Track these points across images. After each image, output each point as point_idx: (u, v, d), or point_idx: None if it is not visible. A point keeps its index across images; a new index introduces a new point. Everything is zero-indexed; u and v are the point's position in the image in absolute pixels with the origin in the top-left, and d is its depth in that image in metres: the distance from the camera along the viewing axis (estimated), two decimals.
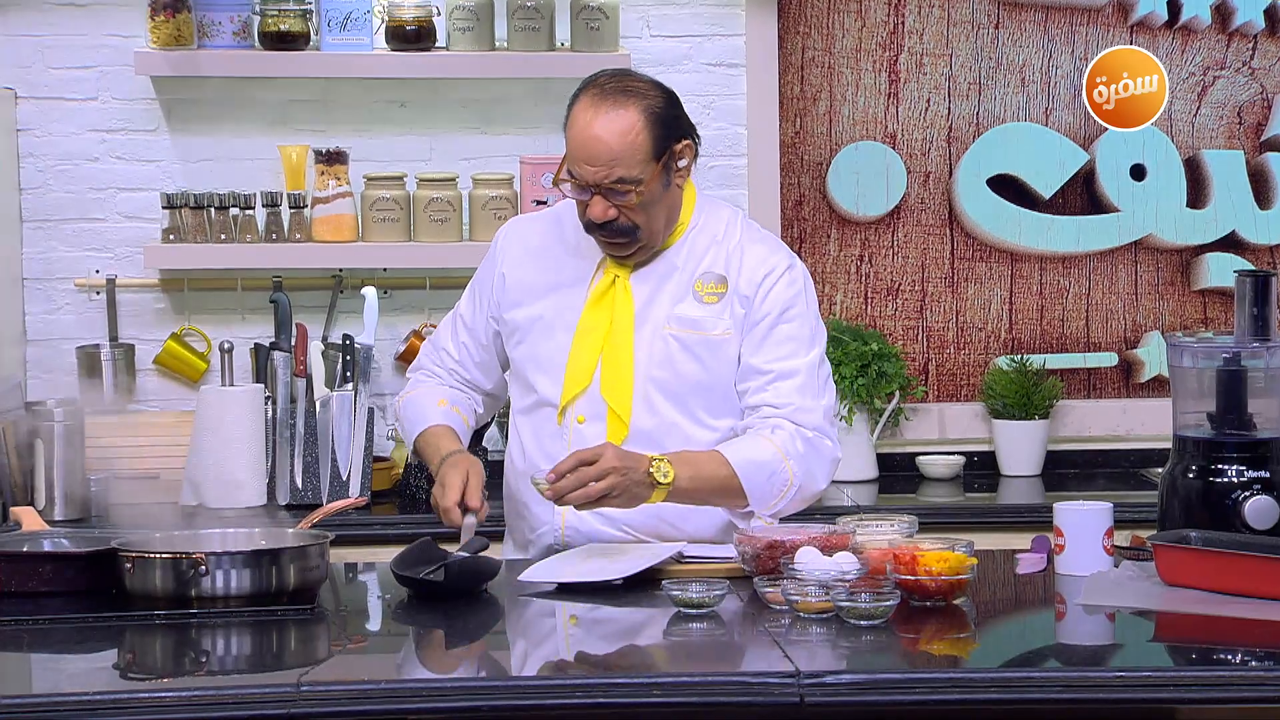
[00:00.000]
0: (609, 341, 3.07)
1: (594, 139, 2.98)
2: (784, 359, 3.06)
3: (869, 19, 4.57)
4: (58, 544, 3.00)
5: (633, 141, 2.97)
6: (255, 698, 2.37)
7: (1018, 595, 2.99)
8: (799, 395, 3.04)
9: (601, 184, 2.98)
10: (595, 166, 2.98)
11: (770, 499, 3.02)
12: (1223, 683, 2.44)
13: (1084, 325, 4.65)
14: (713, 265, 3.10)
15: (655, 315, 3.08)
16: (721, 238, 3.12)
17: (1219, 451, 3.00)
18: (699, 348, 3.07)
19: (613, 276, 3.09)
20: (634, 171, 2.98)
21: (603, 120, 2.98)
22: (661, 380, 3.06)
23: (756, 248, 3.11)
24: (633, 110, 2.98)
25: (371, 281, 4.35)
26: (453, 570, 2.85)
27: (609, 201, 2.99)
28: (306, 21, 4.32)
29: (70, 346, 4.39)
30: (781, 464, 3.00)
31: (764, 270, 3.08)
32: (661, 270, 3.10)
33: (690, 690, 2.41)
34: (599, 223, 3.01)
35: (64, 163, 4.42)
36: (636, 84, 3.04)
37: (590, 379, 3.07)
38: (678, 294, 3.09)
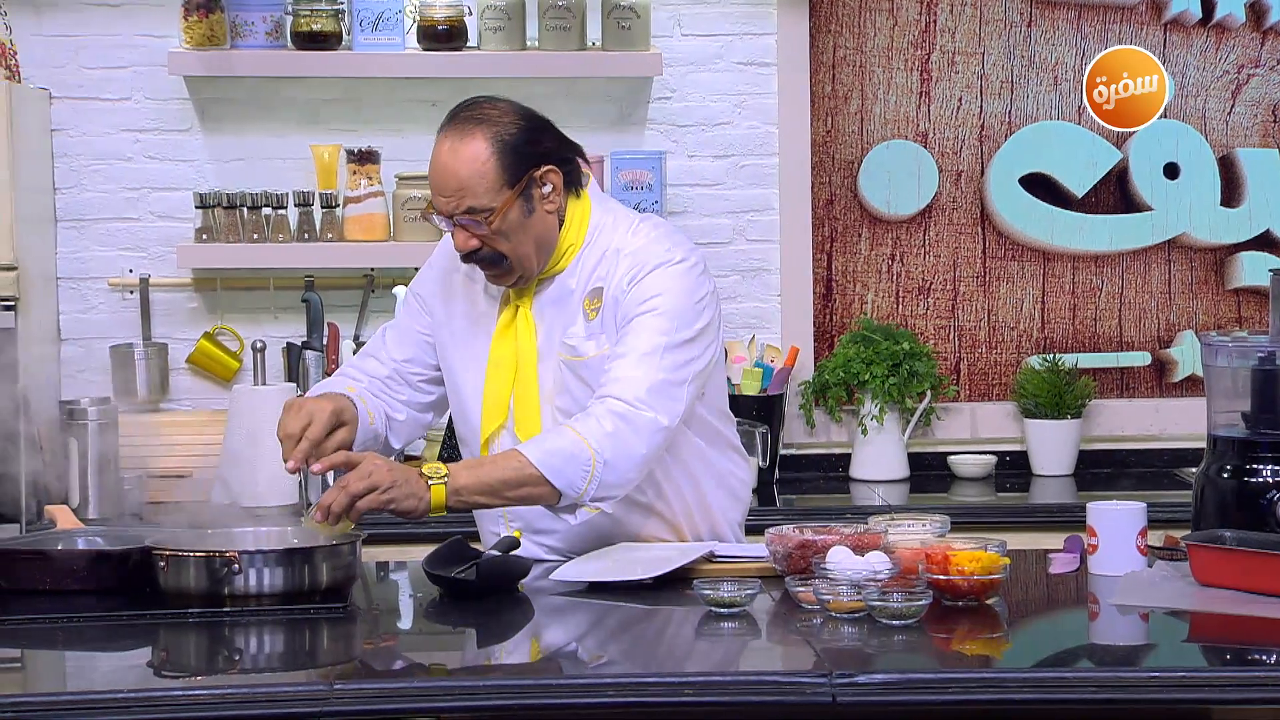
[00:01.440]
0: (517, 375, 3.02)
1: (443, 169, 2.92)
2: (625, 344, 2.93)
3: (901, 17, 4.56)
4: (92, 542, 3.01)
5: (479, 170, 2.90)
6: (288, 696, 2.38)
7: (1050, 595, 2.98)
8: (624, 370, 2.91)
9: (454, 214, 2.93)
10: (446, 197, 2.92)
11: (578, 483, 2.87)
12: (1257, 683, 2.43)
13: (1117, 324, 4.63)
14: (600, 279, 3.00)
15: (554, 343, 3.02)
16: (610, 250, 3.00)
17: (1253, 451, 2.98)
18: (584, 373, 2.99)
19: (515, 308, 3.04)
20: (484, 200, 2.91)
21: (450, 150, 2.91)
22: (565, 408, 3.00)
23: (632, 253, 2.98)
24: (479, 139, 2.91)
25: (403, 280, 4.35)
26: (484, 569, 2.86)
27: (468, 232, 2.93)
28: (338, 21, 4.33)
29: (104, 346, 4.41)
30: (580, 444, 2.86)
31: (634, 270, 2.97)
32: (556, 295, 3.02)
33: (722, 690, 2.41)
34: (462, 253, 2.96)
35: (98, 162, 4.44)
36: (489, 111, 2.95)
37: (506, 414, 3.03)
38: (570, 317, 3.01)
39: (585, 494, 2.90)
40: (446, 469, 2.86)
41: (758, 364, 4.43)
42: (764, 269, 4.56)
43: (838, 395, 4.47)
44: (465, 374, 3.08)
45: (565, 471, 2.87)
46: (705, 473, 3.11)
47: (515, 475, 2.87)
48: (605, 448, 2.88)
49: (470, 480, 2.87)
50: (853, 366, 4.41)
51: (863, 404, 4.45)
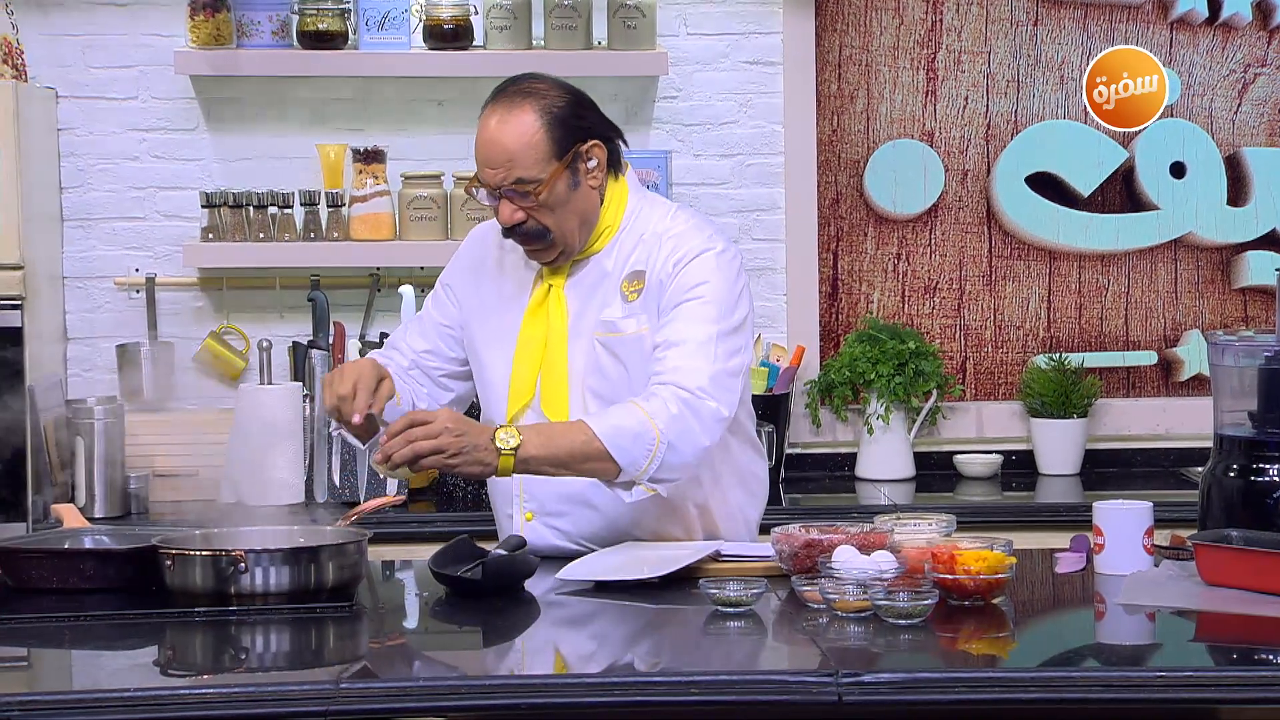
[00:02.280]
0: (546, 354, 3.05)
1: (491, 141, 2.96)
2: (679, 330, 2.97)
3: (907, 16, 4.55)
4: (98, 541, 3.02)
5: (529, 142, 2.95)
6: (295, 695, 2.38)
7: (1057, 594, 2.98)
8: (683, 359, 2.95)
9: (502, 186, 2.96)
10: (494, 169, 2.96)
11: (640, 461, 2.90)
12: (1264, 683, 2.43)
13: (1123, 324, 4.63)
14: (638, 262, 3.05)
15: (587, 323, 3.05)
16: (649, 234, 3.05)
17: (1260, 450, 2.98)
18: (620, 350, 3.02)
19: (548, 286, 3.06)
20: (532, 172, 2.95)
21: (499, 122, 2.96)
22: (596, 388, 3.03)
23: (674, 236, 3.03)
24: (529, 111, 2.96)
25: (409, 280, 4.36)
26: (490, 568, 2.86)
27: (514, 204, 2.97)
28: (344, 21, 4.34)
29: (110, 345, 4.41)
30: (646, 424, 2.89)
31: (677, 256, 3.01)
32: (593, 276, 3.06)
33: (728, 689, 2.41)
34: (508, 226, 2.99)
35: (104, 162, 4.44)
36: (537, 85, 3.01)
37: (532, 393, 3.05)
38: (607, 298, 3.04)
39: (645, 473, 2.93)
40: (519, 437, 2.88)
41: (764, 363, 4.43)
42: (770, 268, 4.56)
43: (843, 394, 4.47)
44: (494, 352, 3.10)
45: (630, 450, 2.90)
46: (727, 468, 3.13)
47: (582, 449, 2.90)
48: (670, 430, 2.91)
49: (539, 451, 2.89)
50: (859, 366, 4.41)
51: (868, 403, 4.45)
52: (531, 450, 2.88)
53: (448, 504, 4.20)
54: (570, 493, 3.04)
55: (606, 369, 3.03)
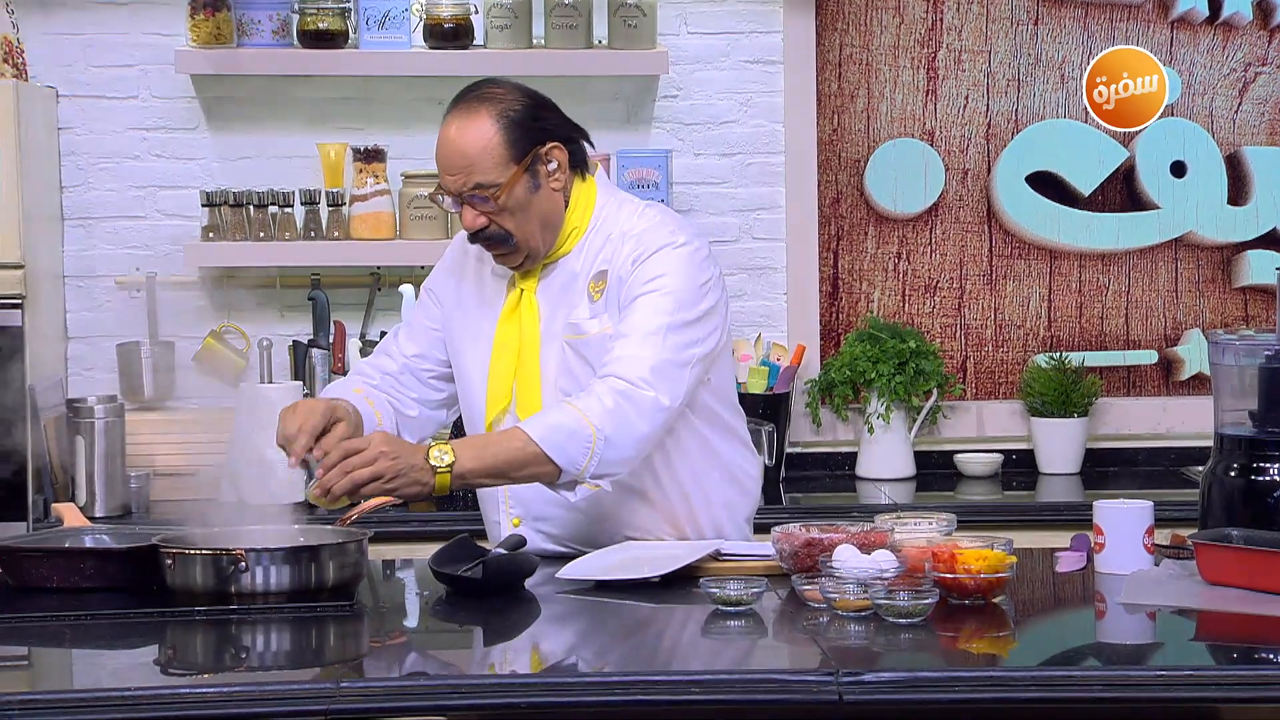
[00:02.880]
0: (520, 359, 3.05)
1: (449, 147, 2.96)
2: (629, 323, 2.95)
3: (907, 15, 4.55)
4: (99, 540, 3.02)
5: (485, 146, 2.94)
6: (295, 694, 2.38)
7: (1057, 594, 2.98)
8: (627, 349, 2.93)
9: (462, 192, 2.96)
10: (453, 175, 2.96)
11: (579, 460, 2.87)
12: (1265, 682, 2.43)
13: (1123, 323, 4.63)
14: (604, 261, 3.03)
15: (557, 326, 3.04)
16: (615, 234, 3.03)
17: (1261, 449, 2.98)
18: (586, 351, 3.01)
19: (520, 291, 3.06)
20: (490, 176, 2.94)
21: (457, 129, 2.96)
22: (567, 390, 3.02)
23: (636, 235, 3.01)
24: (485, 117, 2.96)
25: (409, 279, 4.36)
26: (491, 567, 2.86)
27: (476, 210, 2.97)
28: (345, 20, 4.34)
29: (110, 344, 4.41)
30: (581, 421, 2.86)
31: (636, 252, 2.99)
32: (562, 279, 3.05)
33: (728, 688, 2.41)
34: (472, 232, 2.99)
35: (104, 161, 4.45)
36: (494, 90, 3.00)
37: (509, 398, 3.04)
38: (574, 300, 3.04)
39: (586, 471, 2.90)
40: (453, 453, 2.86)
41: (764, 362, 4.43)
42: (770, 267, 4.56)
43: (844, 394, 4.47)
44: (471, 357, 3.10)
45: (567, 448, 2.87)
46: (710, 464, 3.11)
47: (519, 455, 2.88)
48: (606, 424, 2.88)
49: (475, 464, 2.87)
50: (859, 365, 4.41)
51: (869, 402, 4.45)
52: (467, 464, 2.86)
53: (448, 503, 4.19)
54: (554, 496, 3.00)
55: (575, 371, 3.02)
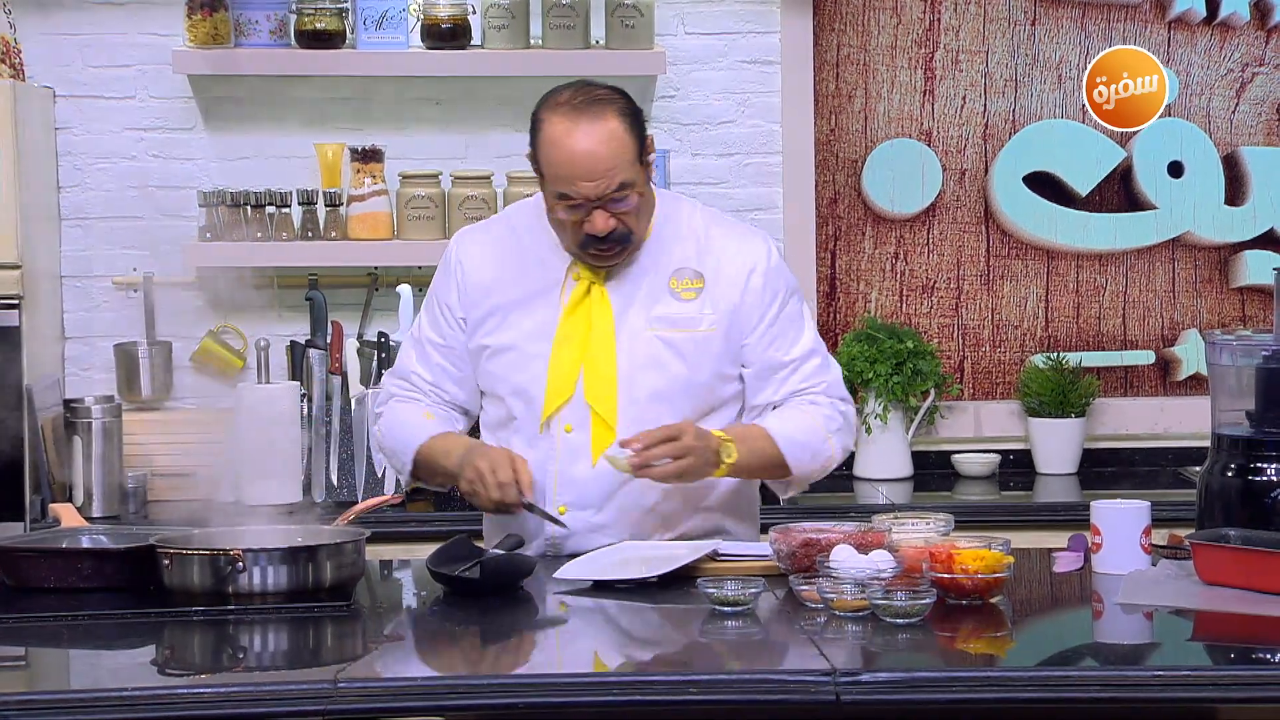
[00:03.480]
0: (589, 349, 3.04)
1: (587, 154, 2.94)
2: (797, 343, 3.12)
3: (904, 15, 4.55)
4: (96, 540, 3.01)
5: (620, 146, 2.96)
6: (292, 694, 2.38)
7: (1055, 594, 2.98)
8: (822, 372, 3.13)
9: (604, 195, 2.96)
10: (594, 180, 2.95)
11: (812, 473, 3.11)
12: (1262, 682, 2.43)
13: (1121, 323, 4.63)
14: (685, 260, 3.07)
15: (634, 318, 3.05)
16: (686, 231, 3.09)
17: (1258, 450, 2.98)
18: (685, 346, 3.05)
19: (587, 284, 3.06)
20: (629, 175, 2.97)
21: (587, 134, 2.94)
22: (648, 383, 3.04)
23: (731, 240, 3.11)
24: (611, 116, 2.97)
25: (407, 279, 4.36)
26: (488, 567, 2.86)
27: (608, 213, 2.98)
28: (342, 20, 4.34)
29: (108, 344, 4.41)
30: (824, 441, 3.08)
31: (748, 263, 3.08)
32: (635, 272, 3.07)
33: (726, 688, 2.41)
34: (602, 235, 2.98)
35: (102, 161, 4.44)
36: (600, 90, 3.01)
37: (574, 389, 3.05)
38: (654, 294, 3.06)
39: (809, 480, 3.12)
40: (735, 451, 2.99)
41: None
42: None
43: None
44: (524, 352, 3.08)
45: (804, 463, 3.08)
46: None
47: (770, 459, 3.05)
48: (836, 446, 3.11)
49: (745, 461, 3.02)
50: (856, 365, 4.41)
51: (866, 403, 4.45)
52: (741, 462, 3.01)
53: (446, 503, 4.20)
54: (603, 486, 3.04)
55: (666, 364, 3.05)
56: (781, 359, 3.10)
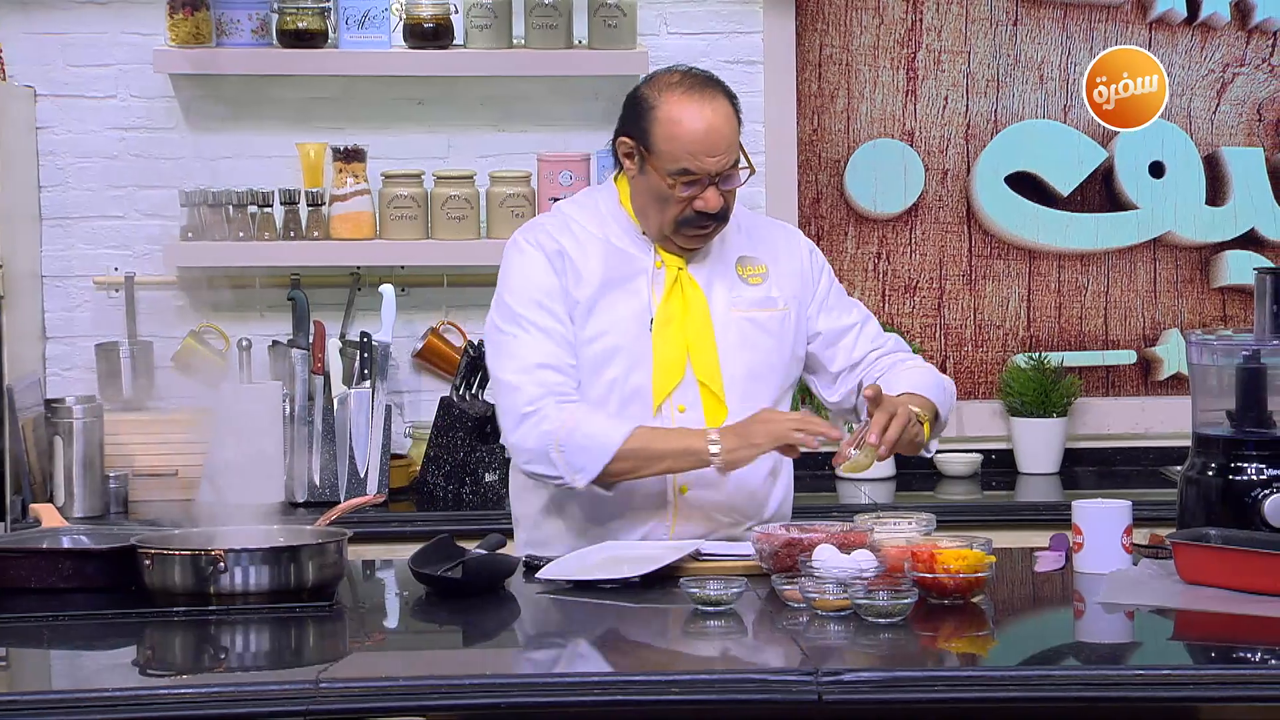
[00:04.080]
0: (690, 331, 3.12)
1: (712, 129, 3.06)
2: (852, 310, 3.28)
3: (887, 16, 4.56)
4: (77, 541, 3.01)
5: (734, 125, 3.10)
6: (274, 694, 2.38)
7: (1036, 593, 2.98)
8: (885, 334, 3.31)
9: (723, 171, 3.07)
10: (717, 155, 3.06)
11: (947, 410, 3.21)
12: (1243, 681, 2.44)
13: (1102, 323, 4.64)
14: (741, 249, 3.20)
15: (718, 301, 3.16)
16: (734, 223, 3.19)
17: (1239, 449, 2.99)
18: (771, 324, 3.17)
19: (676, 269, 3.15)
20: (738, 155, 3.11)
21: (713, 110, 3.07)
22: (743, 361, 3.14)
23: (774, 229, 3.30)
24: (724, 98, 3.11)
25: (389, 279, 4.35)
26: (471, 567, 2.86)
27: (719, 190, 3.08)
28: (324, 19, 4.33)
29: (89, 344, 4.40)
30: (943, 380, 3.23)
31: (797, 244, 3.26)
32: (710, 260, 3.18)
33: (708, 688, 2.41)
34: (714, 212, 3.08)
35: (83, 160, 4.43)
36: (709, 74, 3.15)
37: (683, 371, 3.12)
38: (727, 279, 3.18)
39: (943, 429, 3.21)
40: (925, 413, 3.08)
41: None
42: None
43: None
44: (625, 338, 3.10)
45: (945, 403, 3.20)
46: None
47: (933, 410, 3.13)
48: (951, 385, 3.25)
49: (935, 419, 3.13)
50: None
51: None
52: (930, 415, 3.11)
53: (428, 504, 4.20)
54: None
55: (757, 342, 3.16)
56: (847, 324, 3.25)
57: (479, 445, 4.19)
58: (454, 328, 4.46)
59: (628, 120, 3.12)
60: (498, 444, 4.24)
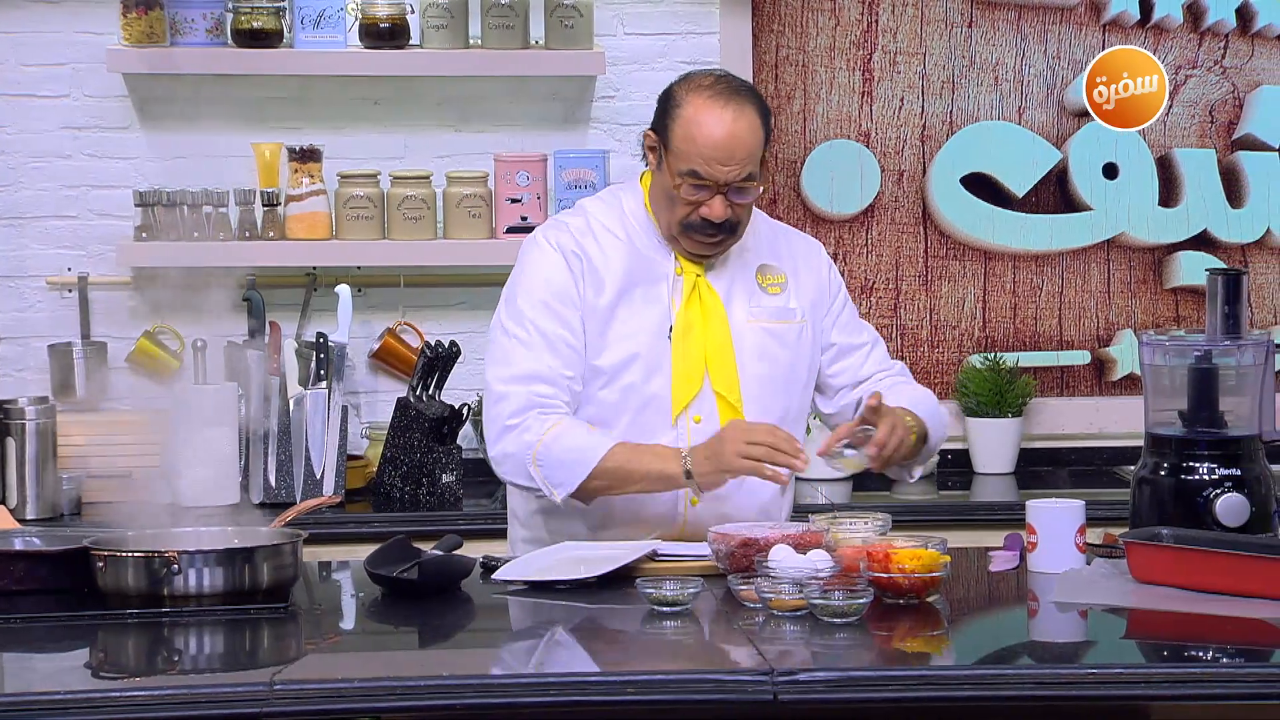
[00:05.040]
0: (709, 341, 3.10)
1: (731, 137, 3.01)
2: (864, 330, 3.28)
3: (843, 17, 4.57)
4: (29, 543, 2.99)
5: (757, 139, 3.04)
6: (228, 696, 2.37)
7: (990, 593, 3.00)
8: (891, 358, 3.29)
9: (733, 182, 3.02)
10: (730, 165, 3.01)
11: (941, 436, 3.21)
12: (1194, 679, 2.45)
13: (1057, 323, 4.66)
14: (763, 257, 3.18)
15: (737, 310, 3.14)
16: (754, 231, 3.17)
17: (1190, 449, 3.01)
18: (788, 336, 3.16)
19: (694, 277, 3.12)
20: (755, 168, 3.05)
21: (735, 118, 3.02)
22: (759, 372, 3.12)
23: (794, 239, 3.27)
24: (753, 109, 3.05)
25: (345, 279, 4.34)
26: (427, 568, 2.85)
27: (727, 200, 3.03)
28: (280, 19, 4.31)
29: (42, 344, 4.37)
30: (937, 403, 3.23)
31: (818, 257, 3.25)
32: (731, 268, 3.15)
33: (664, 688, 2.41)
34: (718, 222, 3.03)
35: (36, 160, 4.40)
36: (743, 83, 3.12)
37: (701, 381, 3.10)
38: (747, 288, 3.15)
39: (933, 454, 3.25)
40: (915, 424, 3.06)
41: None
42: None
43: None
44: (644, 345, 3.08)
45: (938, 429, 3.17)
46: None
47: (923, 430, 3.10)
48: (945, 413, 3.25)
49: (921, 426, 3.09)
50: None
51: None
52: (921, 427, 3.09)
53: (384, 505, 4.19)
54: None
55: (775, 355, 3.14)
56: (858, 341, 3.25)
57: (436, 446, 4.18)
58: (411, 328, 4.45)
59: (656, 114, 3.11)
60: (454, 445, 4.23)
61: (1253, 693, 2.43)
